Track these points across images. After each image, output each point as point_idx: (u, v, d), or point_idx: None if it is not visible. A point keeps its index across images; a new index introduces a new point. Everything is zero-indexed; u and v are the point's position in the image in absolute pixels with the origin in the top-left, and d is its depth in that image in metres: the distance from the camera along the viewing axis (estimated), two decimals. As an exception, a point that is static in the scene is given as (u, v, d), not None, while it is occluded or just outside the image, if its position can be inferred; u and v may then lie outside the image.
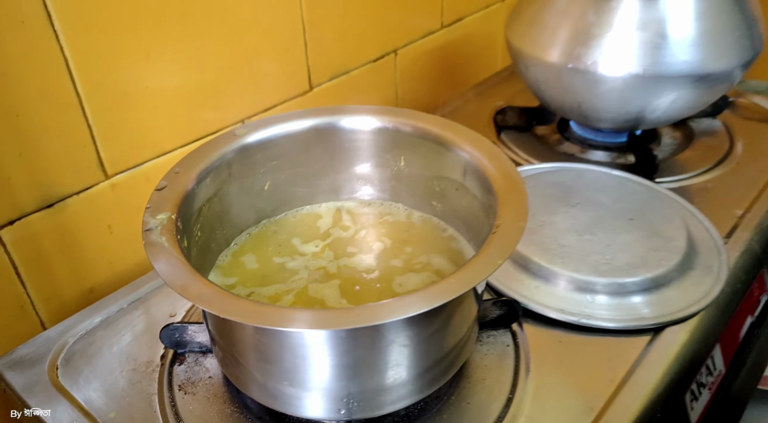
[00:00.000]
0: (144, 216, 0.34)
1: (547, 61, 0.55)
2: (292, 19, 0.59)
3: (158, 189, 0.36)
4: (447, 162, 0.40)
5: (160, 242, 0.32)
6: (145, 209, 0.35)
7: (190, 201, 0.37)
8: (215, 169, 0.39)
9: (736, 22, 0.52)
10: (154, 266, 0.31)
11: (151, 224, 0.34)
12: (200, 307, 0.30)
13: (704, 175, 0.57)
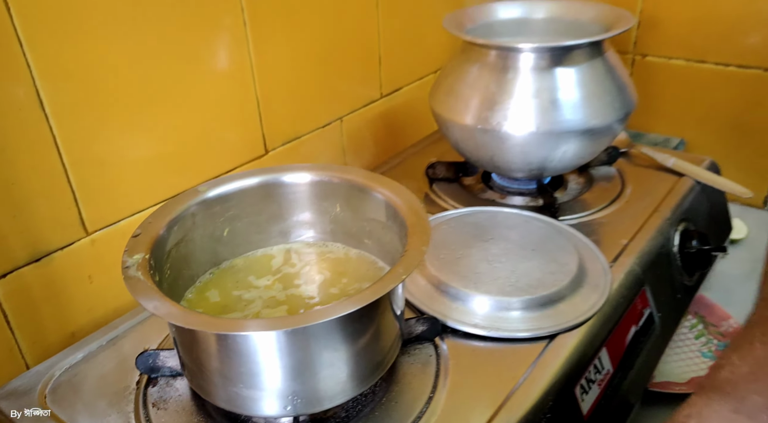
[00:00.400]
0: (123, 256, 0.43)
1: (462, 123, 0.66)
2: (247, 94, 0.70)
3: (134, 235, 0.45)
4: (372, 206, 0.50)
5: (137, 276, 0.41)
6: (124, 252, 0.43)
7: (160, 245, 0.45)
8: (181, 219, 0.48)
9: (609, 88, 0.64)
10: (132, 294, 0.39)
11: (129, 263, 0.42)
12: (170, 321, 0.38)
13: (599, 212, 0.68)
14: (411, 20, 0.87)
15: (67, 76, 0.54)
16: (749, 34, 0.85)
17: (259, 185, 0.51)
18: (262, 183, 0.51)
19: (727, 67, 0.88)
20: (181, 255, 0.48)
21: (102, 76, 0.56)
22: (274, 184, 0.51)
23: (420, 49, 0.91)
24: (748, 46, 0.85)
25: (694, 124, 0.94)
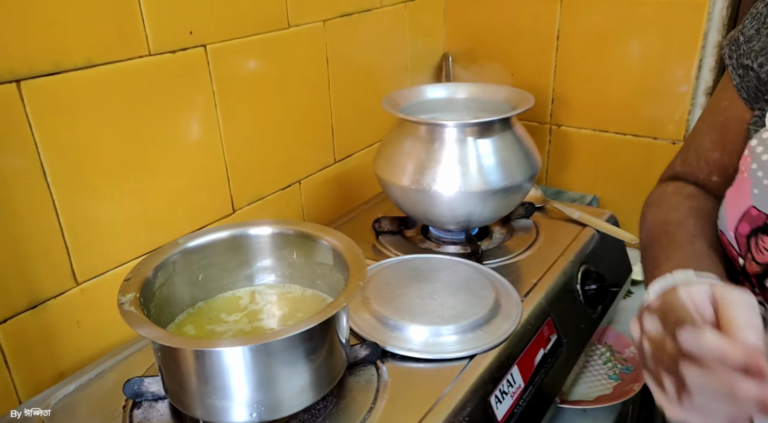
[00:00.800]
0: (118, 296, 0.53)
1: (400, 185, 0.79)
2: (218, 162, 0.81)
3: (126, 279, 0.55)
4: (321, 252, 0.61)
5: (131, 310, 0.51)
6: (119, 292, 0.53)
7: (147, 287, 0.56)
8: (164, 266, 0.59)
9: (518, 154, 0.79)
10: (127, 324, 0.49)
11: (123, 300, 0.52)
12: (159, 342, 0.48)
13: (517, 257, 0.81)
14: (358, 98, 1.02)
15: (67, 150, 0.65)
16: (640, 110, 1.02)
17: (228, 238, 0.62)
18: (231, 236, 0.62)
19: (625, 135, 1.05)
20: (163, 296, 0.58)
21: (95, 150, 0.67)
22: (242, 237, 0.63)
23: (366, 122, 1.05)
24: (640, 118, 1.02)
25: (603, 183, 1.10)
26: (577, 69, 1.06)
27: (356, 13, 0.97)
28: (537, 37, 1.08)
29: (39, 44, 0.60)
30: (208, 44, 0.76)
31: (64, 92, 0.63)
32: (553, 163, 1.15)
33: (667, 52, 0.96)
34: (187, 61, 0.74)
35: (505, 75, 1.11)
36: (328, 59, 0.94)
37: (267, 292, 0.65)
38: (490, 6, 1.11)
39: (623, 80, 1.02)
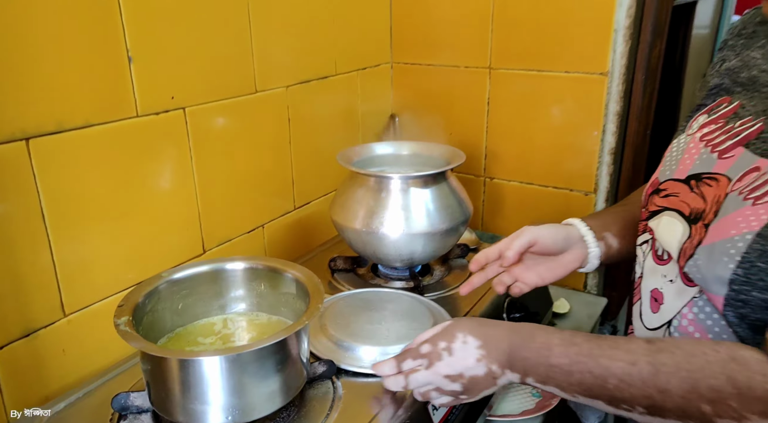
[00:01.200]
0: (114, 319, 0.62)
1: (353, 228, 0.92)
2: (191, 208, 0.92)
3: (119, 306, 0.65)
4: (286, 283, 0.72)
5: (126, 329, 0.61)
6: (114, 316, 0.63)
7: (137, 312, 0.65)
8: (150, 295, 0.69)
9: (452, 202, 0.93)
10: (124, 340, 0.59)
11: (119, 322, 0.62)
12: (151, 353, 0.57)
13: (453, 290, 0.94)
14: (315, 153, 1.15)
15: (64, 198, 0.75)
16: (559, 165, 1.19)
17: (207, 271, 0.73)
18: (209, 269, 0.73)
19: (547, 187, 1.22)
20: (149, 322, 0.68)
21: (87, 198, 0.77)
22: (217, 270, 0.73)
23: (322, 173, 1.18)
24: (559, 173, 1.19)
25: (531, 227, 1.26)
26: (506, 129, 1.23)
27: (314, 79, 1.12)
28: (471, 101, 1.25)
29: (46, 108, 0.71)
30: (187, 107, 0.88)
31: (64, 148, 0.74)
32: (487, 210, 1.30)
33: (579, 117, 1.14)
34: (168, 121, 0.86)
35: (444, 134, 1.28)
36: (290, 119, 1.08)
37: (238, 319, 0.75)
38: (431, 75, 1.28)
39: (544, 140, 1.19)
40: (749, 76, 0.64)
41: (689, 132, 0.68)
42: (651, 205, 0.69)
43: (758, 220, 0.52)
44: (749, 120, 0.60)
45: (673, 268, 0.63)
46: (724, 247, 0.54)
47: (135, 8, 0.78)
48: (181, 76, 0.86)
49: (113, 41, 0.77)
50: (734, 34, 0.71)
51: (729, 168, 0.58)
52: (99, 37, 0.75)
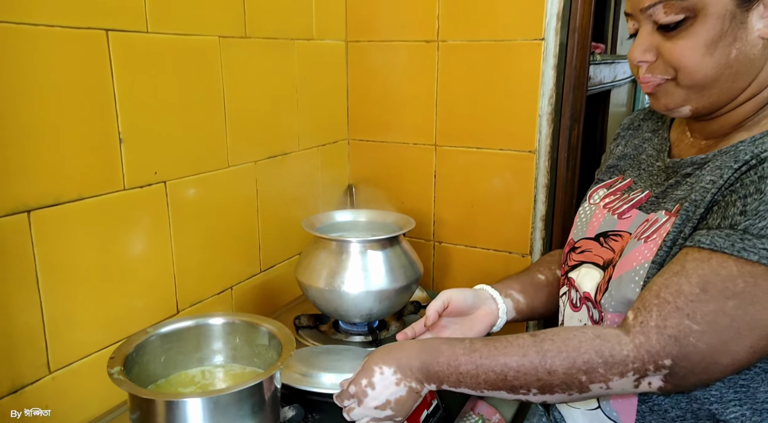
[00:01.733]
0: (107, 368, 0.70)
1: (316, 287, 1.02)
2: (167, 272, 1.01)
3: (111, 358, 0.73)
4: (259, 335, 0.82)
5: (120, 377, 0.69)
6: (107, 367, 0.71)
7: (127, 364, 0.73)
8: (138, 349, 0.77)
9: (405, 263, 1.05)
10: (118, 386, 0.67)
11: (113, 371, 0.70)
12: (143, 396, 0.65)
13: (407, 342, 1.04)
14: (280, 221, 1.27)
15: (57, 263, 0.83)
16: (497, 231, 1.34)
17: (188, 326, 0.82)
18: (192, 324, 0.82)
19: (488, 250, 1.36)
20: (135, 373, 0.76)
21: (78, 262, 0.86)
22: (199, 325, 0.82)
23: (286, 239, 1.29)
24: (498, 237, 1.34)
25: (476, 286, 1.39)
26: (451, 198, 1.38)
27: (280, 155, 1.25)
28: (419, 174, 1.40)
29: (47, 183, 0.81)
30: (168, 181, 0.99)
31: (60, 219, 0.83)
32: (437, 271, 1.43)
33: (514, 188, 1.31)
34: (151, 193, 0.96)
35: (397, 202, 1.42)
36: (258, 191, 1.19)
37: (214, 371, 0.84)
38: (384, 150, 1.43)
39: (485, 208, 1.35)
40: (639, 160, 0.84)
41: (591, 202, 0.85)
42: (569, 260, 0.84)
43: (650, 252, 0.67)
44: (639, 191, 0.79)
45: (584, 313, 0.78)
46: (629, 276, 0.68)
47: (128, 96, 0.90)
48: (164, 153, 0.98)
49: (108, 125, 0.88)
50: (624, 128, 0.91)
51: (629, 226, 0.75)
52: (95, 121, 0.86)
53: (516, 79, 1.24)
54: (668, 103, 0.70)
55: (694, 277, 0.60)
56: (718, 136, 0.72)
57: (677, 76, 0.67)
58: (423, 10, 1.31)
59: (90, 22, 0.84)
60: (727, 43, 0.64)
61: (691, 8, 0.63)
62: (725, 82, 0.66)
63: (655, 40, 0.67)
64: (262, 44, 1.16)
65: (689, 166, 0.72)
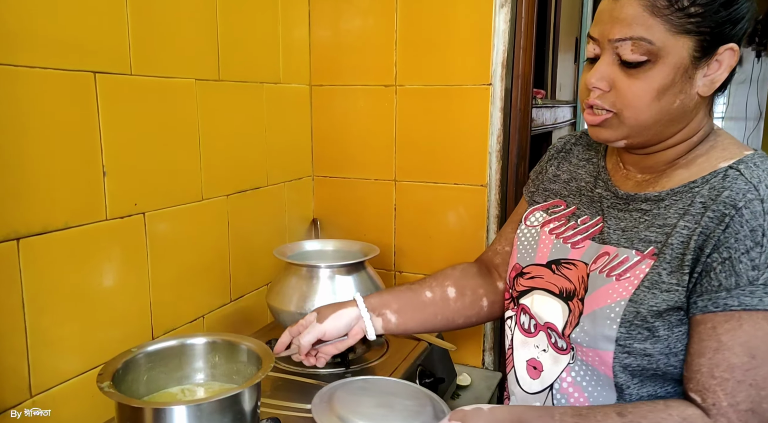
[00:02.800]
0: (97, 384, 0.74)
1: (288, 310, 1.09)
2: (143, 300, 1.06)
3: (100, 374, 0.77)
4: (239, 353, 0.88)
5: (110, 390, 0.73)
6: (97, 381, 0.75)
7: (115, 380, 0.78)
8: (124, 366, 0.81)
9: (370, 287, 1.13)
10: (109, 398, 0.71)
11: (103, 385, 0.74)
12: (131, 404, 0.70)
13: (373, 363, 1.11)
14: (248, 252, 1.33)
15: (42, 289, 0.87)
16: (456, 260, 1.44)
17: (170, 346, 0.87)
18: (173, 344, 0.87)
19: (446, 276, 1.45)
20: (122, 391, 0.80)
21: (62, 289, 0.90)
22: (181, 345, 0.87)
23: (255, 269, 1.35)
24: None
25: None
26: (410, 230, 1.48)
27: (250, 190, 1.32)
28: (380, 208, 1.49)
29: (35, 213, 0.86)
30: (146, 212, 1.05)
31: (47, 247, 0.88)
32: (398, 299, 1.51)
33: (468, 220, 1.41)
34: (131, 224, 1.02)
35: (360, 235, 1.50)
36: (229, 223, 1.26)
37: (194, 389, 0.88)
38: (346, 186, 1.53)
39: (442, 239, 1.45)
40: (577, 186, 0.87)
41: (528, 224, 0.89)
42: (518, 285, 0.86)
43: (626, 291, 0.72)
44: (587, 218, 0.82)
45: (542, 339, 0.81)
46: (603, 313, 0.72)
47: (112, 132, 0.96)
48: (143, 186, 1.04)
49: (93, 159, 0.94)
50: (557, 150, 0.93)
51: (582, 255, 0.79)
52: (82, 155, 0.92)
53: (467, 120, 1.37)
54: (609, 137, 0.75)
55: (736, 348, 0.64)
56: (654, 172, 0.78)
57: (623, 112, 0.71)
58: (381, 58, 1.43)
59: (80, 65, 0.91)
60: (674, 93, 0.70)
61: (655, 53, 0.68)
62: (661, 127, 0.72)
63: (614, 72, 0.71)
64: (234, 87, 1.25)
65: (642, 201, 0.76)
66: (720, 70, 0.71)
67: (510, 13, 1.31)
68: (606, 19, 0.71)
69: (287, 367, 1.08)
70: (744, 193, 0.67)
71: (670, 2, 0.67)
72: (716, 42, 0.69)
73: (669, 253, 0.70)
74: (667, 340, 0.70)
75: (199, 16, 1.14)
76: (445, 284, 0.95)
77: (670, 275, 0.70)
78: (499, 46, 1.33)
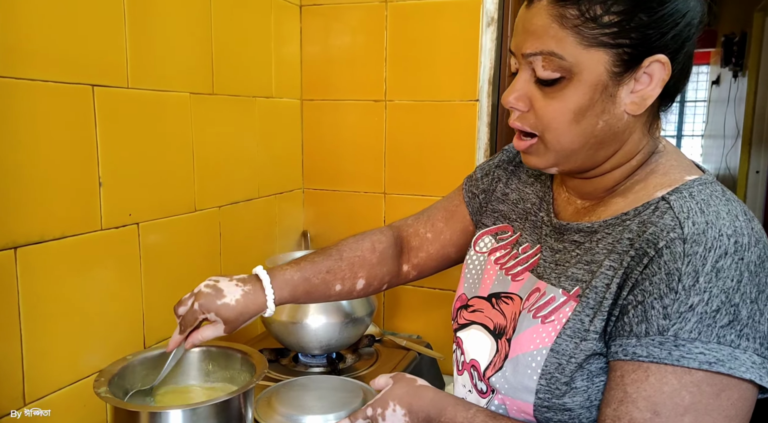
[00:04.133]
0: (94, 389, 0.76)
1: (280, 320, 1.10)
2: (137, 308, 1.07)
3: (96, 380, 0.78)
4: (232, 360, 0.89)
5: (107, 395, 0.74)
6: (93, 387, 0.76)
7: (111, 386, 0.79)
8: (119, 373, 0.82)
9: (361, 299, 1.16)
10: (106, 402, 0.72)
11: (99, 391, 0.75)
12: (128, 409, 0.71)
13: (363, 372, 1.13)
14: (241, 262, 1.34)
15: (38, 298, 0.89)
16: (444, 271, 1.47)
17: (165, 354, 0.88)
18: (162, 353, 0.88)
19: (434, 289, 1.48)
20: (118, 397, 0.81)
21: (57, 298, 0.91)
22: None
23: (248, 280, 1.36)
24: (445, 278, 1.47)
25: (424, 324, 1.50)
26: (399, 242, 1.51)
27: (242, 201, 1.34)
28: (370, 220, 1.52)
29: (33, 222, 0.87)
30: (140, 222, 1.07)
31: (44, 256, 0.89)
32: (387, 310, 1.53)
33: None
34: (125, 234, 1.04)
35: (350, 246, 1.52)
36: (221, 234, 1.28)
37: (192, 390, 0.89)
38: (336, 199, 1.55)
39: (430, 250, 1.47)
40: (524, 208, 0.78)
41: (477, 250, 0.80)
42: (460, 318, 0.78)
43: (549, 337, 0.63)
44: (528, 246, 0.74)
45: (467, 379, 0.75)
46: (525, 360, 0.64)
47: (108, 144, 0.98)
48: (138, 197, 1.06)
49: (89, 170, 0.96)
50: (507, 162, 0.84)
51: (520, 288, 0.71)
52: (79, 166, 0.94)
53: (455, 134, 1.41)
54: (538, 164, 0.68)
55: (640, 401, 0.57)
56: (593, 199, 0.70)
57: (544, 135, 0.64)
58: (371, 74, 1.47)
59: (79, 78, 0.93)
60: (595, 114, 0.62)
61: (567, 69, 0.60)
62: (589, 150, 0.64)
63: (532, 90, 0.64)
64: (227, 101, 1.27)
65: (576, 232, 0.68)
66: (651, 85, 0.61)
67: (496, 32, 1.36)
68: (520, 30, 0.64)
69: (278, 376, 1.10)
70: (668, 231, 0.58)
71: (580, 11, 0.59)
72: (640, 54, 0.60)
73: (592, 297, 0.62)
74: (587, 391, 0.62)
75: (194, 32, 1.17)
76: (358, 276, 0.86)
77: (591, 322, 0.62)
78: (486, 64, 1.37)
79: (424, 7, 1.40)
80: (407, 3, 1.41)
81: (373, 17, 1.45)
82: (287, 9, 1.47)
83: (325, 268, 0.84)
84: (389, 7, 1.43)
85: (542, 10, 0.61)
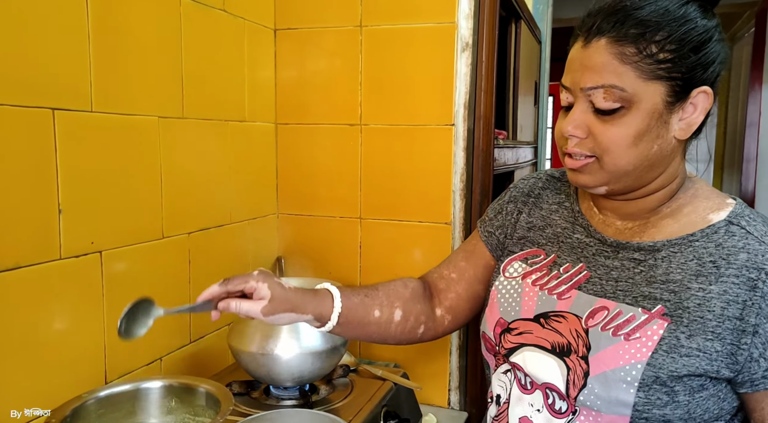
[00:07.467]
0: (44, 432, 0.71)
1: (249, 351, 1.06)
2: (98, 341, 1.02)
3: (47, 421, 0.73)
4: (196, 396, 0.85)
5: (58, 439, 0.69)
6: (43, 430, 0.71)
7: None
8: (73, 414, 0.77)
9: (335, 327, 1.12)
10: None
11: (50, 434, 0.70)
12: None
13: (337, 404, 1.09)
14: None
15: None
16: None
17: (122, 391, 0.83)
18: (126, 389, 0.83)
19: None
20: (70, 437, 0.76)
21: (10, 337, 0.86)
22: (135, 390, 0.84)
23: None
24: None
25: (401, 353, 1.46)
26: (376, 268, 1.47)
27: (213, 227, 1.30)
28: (346, 245, 1.49)
29: (-15, 251, 0.83)
30: (103, 251, 1.02)
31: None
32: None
33: (433, 258, 1.41)
34: (86, 263, 0.99)
35: (325, 273, 1.49)
36: (191, 261, 1.23)
37: (150, 435, 0.85)
38: (311, 224, 1.52)
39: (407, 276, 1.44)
40: (553, 233, 0.83)
41: (507, 275, 0.83)
42: (506, 342, 0.80)
43: (641, 353, 0.69)
44: (569, 266, 0.78)
45: (538, 398, 0.75)
46: (617, 376, 0.69)
47: (70, 169, 0.94)
48: (101, 224, 1.01)
49: (48, 196, 0.92)
50: (524, 194, 0.89)
51: (570, 306, 0.75)
52: (36, 192, 0.90)
53: (431, 159, 1.39)
54: (589, 182, 0.74)
55: None
56: (636, 219, 0.77)
57: (602, 158, 0.71)
58: (346, 98, 1.45)
59: (38, 102, 0.89)
60: (651, 138, 0.70)
61: (627, 100, 0.68)
62: (641, 172, 0.72)
63: (589, 119, 0.71)
64: (198, 124, 1.24)
65: (636, 250, 0.74)
66: (696, 113, 0.71)
67: (471, 57, 1.35)
68: (577, 67, 0.71)
69: (247, 411, 1.05)
70: (763, 254, 0.68)
71: (638, 49, 0.68)
72: (689, 86, 0.70)
73: (686, 317, 0.69)
74: (688, 405, 0.69)
75: (164, 54, 1.14)
76: (395, 305, 0.88)
77: (690, 339, 0.68)
78: (461, 88, 1.36)
79: (399, 32, 1.39)
80: (382, 28, 1.41)
81: (348, 42, 1.43)
82: (261, 33, 1.45)
83: (363, 293, 0.88)
84: (364, 32, 1.42)
85: (601, 48, 0.69)
